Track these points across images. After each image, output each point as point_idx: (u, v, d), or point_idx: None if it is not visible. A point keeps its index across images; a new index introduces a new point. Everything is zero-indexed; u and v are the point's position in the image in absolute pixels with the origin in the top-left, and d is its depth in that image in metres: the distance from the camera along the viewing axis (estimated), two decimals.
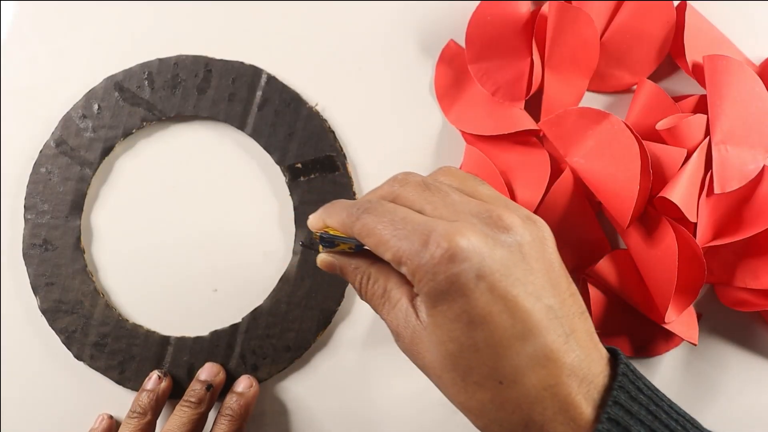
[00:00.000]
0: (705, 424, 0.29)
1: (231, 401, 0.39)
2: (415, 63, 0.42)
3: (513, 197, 0.39)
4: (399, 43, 0.42)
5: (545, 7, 0.39)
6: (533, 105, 0.40)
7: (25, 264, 0.41)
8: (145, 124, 0.42)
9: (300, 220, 0.41)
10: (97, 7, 0.43)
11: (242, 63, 0.42)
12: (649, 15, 0.39)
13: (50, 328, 0.41)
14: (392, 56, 0.42)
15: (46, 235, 0.41)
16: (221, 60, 0.42)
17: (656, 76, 0.41)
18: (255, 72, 0.42)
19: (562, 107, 0.39)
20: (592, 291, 0.39)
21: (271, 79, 0.42)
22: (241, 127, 0.42)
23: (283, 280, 0.41)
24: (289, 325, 0.41)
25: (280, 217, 0.42)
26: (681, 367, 0.40)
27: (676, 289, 0.36)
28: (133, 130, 0.42)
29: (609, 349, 0.29)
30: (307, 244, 0.39)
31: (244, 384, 0.40)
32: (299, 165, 0.41)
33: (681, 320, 0.37)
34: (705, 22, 0.40)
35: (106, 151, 0.42)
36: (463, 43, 0.40)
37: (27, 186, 0.41)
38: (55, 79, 0.43)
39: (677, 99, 0.40)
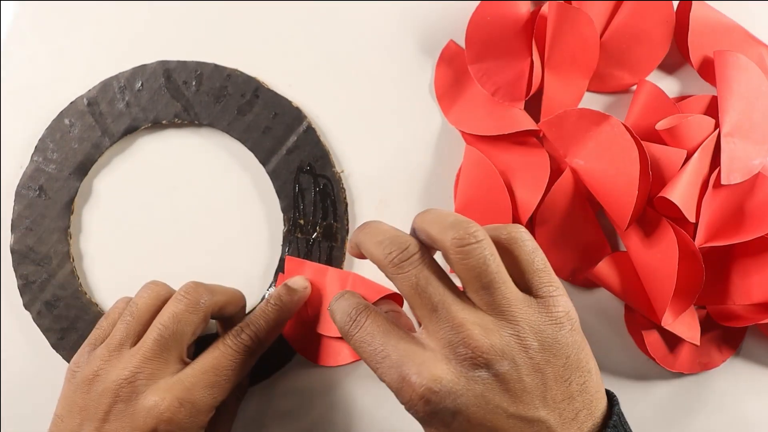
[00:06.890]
0: (702, 430, 0.29)
1: (281, 290, 0.37)
2: (414, 63, 0.42)
3: (513, 198, 0.39)
4: (399, 43, 0.42)
5: (545, 8, 0.39)
6: (533, 105, 0.40)
7: (14, 201, 0.42)
8: (177, 120, 0.42)
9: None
10: (96, 8, 0.43)
11: (290, 102, 0.41)
12: (648, 15, 0.39)
13: (12, 270, 0.41)
14: (392, 56, 0.42)
15: (44, 183, 0.41)
16: (271, 91, 0.41)
17: (657, 76, 0.41)
18: (298, 116, 0.41)
19: (561, 108, 0.39)
20: None
21: (310, 129, 0.41)
22: (263, 162, 0.41)
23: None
24: None
25: (268, 219, 0.42)
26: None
27: (674, 292, 0.36)
28: (164, 121, 0.42)
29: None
30: None
31: (299, 282, 0.37)
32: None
33: (682, 321, 0.37)
34: (712, 11, 0.40)
35: (131, 129, 0.42)
36: (463, 43, 0.40)
37: (45, 130, 0.42)
38: (55, 78, 0.43)
39: (677, 99, 0.40)
